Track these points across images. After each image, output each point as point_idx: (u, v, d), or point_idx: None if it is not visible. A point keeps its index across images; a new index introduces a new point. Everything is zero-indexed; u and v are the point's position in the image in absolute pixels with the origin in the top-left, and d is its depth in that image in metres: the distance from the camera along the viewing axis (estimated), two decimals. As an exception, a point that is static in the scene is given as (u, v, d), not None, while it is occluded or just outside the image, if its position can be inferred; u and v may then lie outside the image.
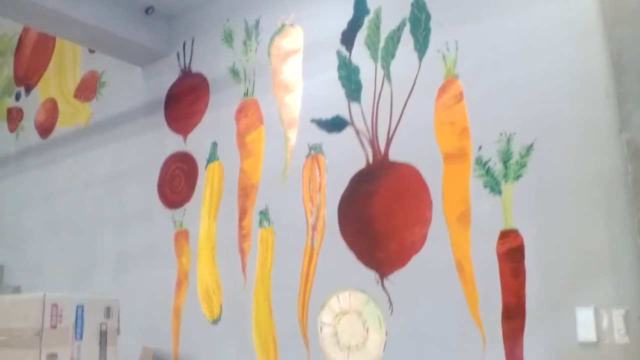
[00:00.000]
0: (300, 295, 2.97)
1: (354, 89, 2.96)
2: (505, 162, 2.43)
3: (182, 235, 3.57)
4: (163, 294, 3.55)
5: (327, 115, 3.04)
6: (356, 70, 2.97)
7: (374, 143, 2.84)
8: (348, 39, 3.04)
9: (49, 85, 4.90)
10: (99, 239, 4.07)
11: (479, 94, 2.56)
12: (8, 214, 4.90)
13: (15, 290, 4.40)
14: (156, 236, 3.70)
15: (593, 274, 2.18)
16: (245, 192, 3.33)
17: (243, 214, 3.31)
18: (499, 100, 2.50)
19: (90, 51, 4.48)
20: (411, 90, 2.77)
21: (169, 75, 3.90)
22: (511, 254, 2.37)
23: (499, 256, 2.39)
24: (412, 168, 2.69)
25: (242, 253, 3.26)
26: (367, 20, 2.98)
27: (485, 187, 2.47)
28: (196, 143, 3.65)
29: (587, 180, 2.25)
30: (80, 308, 1.85)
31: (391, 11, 2.90)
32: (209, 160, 3.55)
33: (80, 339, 1.82)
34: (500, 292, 2.37)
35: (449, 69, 2.66)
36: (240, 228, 3.30)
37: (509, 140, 2.44)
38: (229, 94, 3.54)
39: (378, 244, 2.74)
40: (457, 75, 2.63)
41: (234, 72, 3.52)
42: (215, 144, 3.54)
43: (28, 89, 5.12)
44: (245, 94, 3.45)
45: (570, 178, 2.29)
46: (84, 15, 3.53)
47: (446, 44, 2.68)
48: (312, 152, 3.07)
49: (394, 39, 2.87)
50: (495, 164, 2.46)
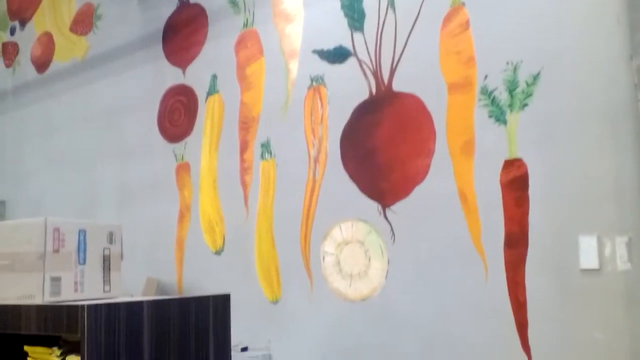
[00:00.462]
0: (303, 226, 2.99)
1: (357, 18, 2.89)
2: (511, 91, 2.40)
3: (184, 169, 3.57)
4: (165, 226, 3.58)
5: (329, 45, 2.98)
6: (359, -2, 2.90)
7: (377, 73, 2.80)
8: (351, -35, 2.95)
9: (44, 19, 4.79)
10: (99, 173, 4.07)
11: (486, 22, 2.50)
12: (8, 150, 4.87)
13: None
14: (157, 170, 3.69)
15: (597, 202, 2.19)
16: (246, 125, 3.30)
17: (244, 147, 3.29)
18: (506, 28, 2.44)
19: (85, -18, 4.36)
20: (416, 19, 2.70)
21: (166, 7, 3.80)
22: (515, 183, 2.36)
23: (502, 185, 2.39)
24: (416, 98, 2.66)
25: (244, 185, 3.26)
26: (371, -55, 2.88)
27: (490, 117, 2.45)
28: (195, 76, 3.59)
29: (594, 109, 2.23)
30: (82, 232, 1.84)
31: (396, -64, 2.80)
32: (209, 93, 3.51)
33: (84, 263, 1.82)
34: (503, 221, 2.38)
35: (455, -4, 2.59)
36: (242, 161, 3.29)
37: (515, 69, 2.39)
38: (228, 25, 3.45)
39: (381, 175, 2.74)
40: (463, 3, 2.56)
41: (233, 3, 3.43)
42: (215, 77, 3.48)
43: (23, 23, 5.00)
44: (245, 25, 3.37)
45: (577, 107, 2.26)
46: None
47: (453, -31, 2.60)
48: (314, 84, 3.03)
49: (399, -35, 2.78)
50: (500, 93, 2.43)
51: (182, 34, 3.69)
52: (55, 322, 1.53)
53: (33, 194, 4.53)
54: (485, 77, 2.46)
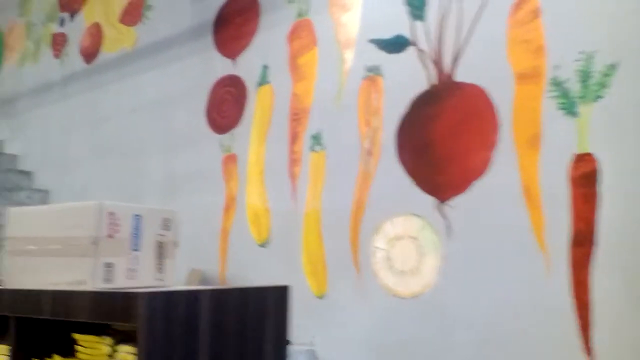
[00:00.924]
0: (352, 220, 2.90)
1: (418, 5, 2.80)
2: (584, 82, 2.27)
3: (231, 160, 3.51)
4: (211, 217, 3.52)
5: (388, 34, 2.89)
6: (421, -15, 2.81)
7: (438, 63, 2.70)
8: (413, -47, 2.86)
9: (94, 10, 4.82)
10: (146, 164, 4.04)
11: (558, 10, 2.38)
12: (54, 140, 4.90)
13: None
14: (204, 161, 3.65)
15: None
16: (297, 116, 3.23)
17: (294, 138, 3.22)
18: (580, 16, 2.32)
19: (137, -27, 4.36)
20: (482, 7, 2.59)
21: (218, -2, 3.77)
22: (584, 178, 2.23)
23: (572, 180, 2.26)
24: (479, 89, 2.54)
25: (292, 177, 3.18)
26: None
27: (560, 109, 2.32)
28: (246, 66, 3.54)
29: (675, 102, 2.09)
30: (137, 217, 1.76)
31: None
32: (260, 84, 3.45)
33: (138, 249, 1.74)
34: (572, 218, 2.25)
35: (525, -17, 2.48)
36: (291, 152, 3.21)
37: (589, 59, 2.27)
38: (281, 14, 3.40)
39: (438, 168, 2.63)
40: (533, -10, 2.46)
41: (287, -7, 3.38)
42: (266, 67, 3.43)
43: (72, 14, 5.04)
44: (299, 15, 3.31)
45: (655, 100, 2.13)
46: None
47: (522, -44, 2.50)
48: (370, 74, 2.94)
49: (464, -49, 2.68)
50: (572, 84, 2.30)
51: (234, 24, 3.65)
52: (109, 310, 1.45)
53: (77, 184, 4.53)
54: (556, 68, 2.34)
